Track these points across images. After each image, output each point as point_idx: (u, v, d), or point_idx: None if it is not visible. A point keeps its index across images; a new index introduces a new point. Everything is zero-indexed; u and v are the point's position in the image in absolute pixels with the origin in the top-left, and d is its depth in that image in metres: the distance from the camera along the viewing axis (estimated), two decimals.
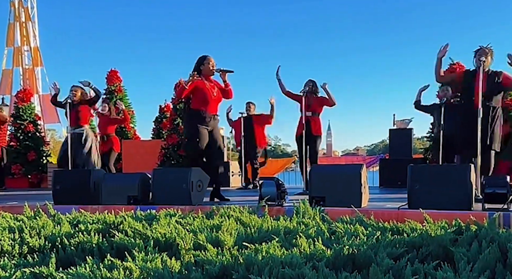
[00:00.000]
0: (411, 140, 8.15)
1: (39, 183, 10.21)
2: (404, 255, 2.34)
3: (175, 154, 9.53)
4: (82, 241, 2.82)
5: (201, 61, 5.26)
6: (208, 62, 5.23)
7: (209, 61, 5.24)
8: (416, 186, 4.03)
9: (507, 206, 3.69)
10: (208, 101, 5.17)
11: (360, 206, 4.11)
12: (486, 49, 4.90)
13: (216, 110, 5.35)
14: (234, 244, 2.66)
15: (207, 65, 5.23)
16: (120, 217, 3.37)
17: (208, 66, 5.22)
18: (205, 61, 5.24)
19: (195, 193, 4.76)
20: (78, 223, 3.41)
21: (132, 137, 11.10)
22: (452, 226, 2.82)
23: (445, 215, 3.32)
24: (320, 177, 4.44)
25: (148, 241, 2.68)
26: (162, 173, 5.14)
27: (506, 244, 2.34)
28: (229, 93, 5.37)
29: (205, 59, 5.25)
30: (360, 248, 2.37)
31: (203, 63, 5.24)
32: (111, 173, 7.06)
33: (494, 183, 3.88)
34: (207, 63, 5.23)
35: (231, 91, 5.38)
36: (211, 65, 5.23)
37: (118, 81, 11.27)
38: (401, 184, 6.41)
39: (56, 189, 5.18)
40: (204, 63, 5.24)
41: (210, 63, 5.23)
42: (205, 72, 5.24)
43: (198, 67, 5.24)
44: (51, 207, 4.03)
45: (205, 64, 5.23)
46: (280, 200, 4.37)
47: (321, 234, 2.77)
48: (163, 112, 11.21)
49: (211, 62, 5.24)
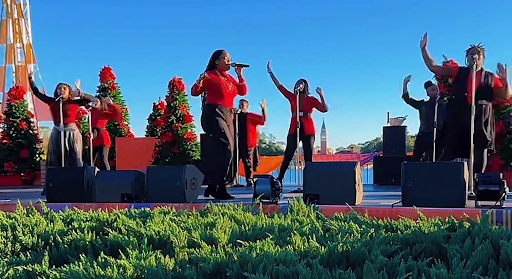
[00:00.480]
0: (404, 137, 8.18)
1: (32, 181, 10.15)
2: (398, 252, 2.35)
3: (169, 152, 9.50)
4: (76, 239, 2.81)
5: (216, 55, 5.20)
6: (224, 57, 5.18)
7: (224, 56, 5.18)
8: (409, 184, 4.05)
9: (500, 203, 3.71)
10: (223, 95, 5.11)
11: (354, 204, 4.12)
12: (478, 48, 4.93)
13: (231, 104, 5.30)
14: (228, 242, 2.66)
15: (222, 60, 5.18)
16: (114, 214, 3.35)
17: (223, 60, 5.17)
18: (220, 56, 5.19)
19: (189, 190, 4.75)
20: (71, 220, 3.39)
21: (126, 134, 11.05)
22: (446, 223, 2.83)
23: (438, 212, 3.33)
24: (314, 175, 4.44)
25: (142, 239, 2.68)
26: (156, 171, 5.12)
27: (499, 240, 2.36)
28: (243, 88, 5.32)
29: (220, 53, 5.20)
30: (354, 245, 2.38)
31: (218, 58, 5.19)
32: (104, 171, 7.03)
33: (487, 180, 3.90)
34: (222, 57, 5.18)
35: (246, 87, 5.34)
36: (226, 60, 5.18)
37: (112, 78, 11.20)
38: (395, 182, 6.45)
39: (49, 186, 5.15)
40: (220, 57, 5.18)
41: (225, 57, 5.18)
42: (220, 66, 5.19)
43: (213, 61, 5.19)
44: (44, 205, 4.01)
45: (220, 59, 5.18)
46: (275, 197, 4.37)
47: (315, 232, 2.78)
48: (157, 109, 11.17)
49: (226, 57, 5.19)
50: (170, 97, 9.79)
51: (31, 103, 12.65)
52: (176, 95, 9.74)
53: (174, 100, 9.71)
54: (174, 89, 9.77)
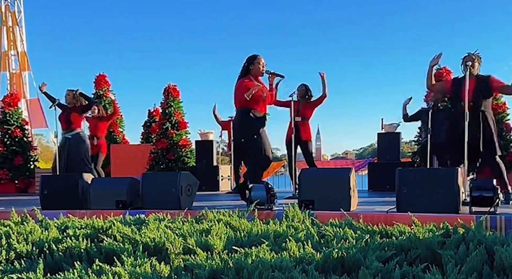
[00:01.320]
0: (399, 144, 8.21)
1: (27, 188, 10.09)
2: (393, 258, 2.36)
3: (164, 159, 9.48)
4: (70, 246, 2.80)
5: (252, 60, 5.15)
6: (259, 62, 5.14)
7: (259, 61, 5.14)
8: (404, 190, 4.07)
9: (494, 209, 3.73)
10: (259, 100, 5.09)
11: (349, 210, 4.13)
12: (473, 56, 4.97)
13: (265, 110, 5.24)
14: (223, 248, 2.66)
15: (257, 65, 5.14)
16: (109, 222, 3.34)
17: (258, 66, 5.14)
18: (255, 61, 5.16)
19: (184, 197, 4.74)
20: (66, 228, 3.38)
21: (120, 141, 11.02)
22: (440, 229, 2.85)
23: (433, 218, 3.35)
24: (310, 181, 4.45)
25: (137, 246, 2.67)
26: (151, 177, 5.11)
27: (493, 246, 2.38)
28: (272, 98, 5.30)
29: (255, 58, 5.17)
30: (349, 251, 2.39)
31: (253, 63, 5.14)
32: (99, 178, 7.00)
33: (481, 186, 3.93)
34: (257, 63, 5.15)
35: (274, 97, 5.35)
36: (261, 65, 5.16)
37: (107, 85, 11.19)
38: (389, 188, 6.46)
39: (44, 194, 5.12)
40: (255, 62, 5.14)
41: (260, 63, 5.14)
42: (254, 72, 5.14)
43: (248, 66, 5.15)
44: (38, 213, 3.99)
45: (255, 64, 5.14)
46: (270, 204, 4.37)
47: (310, 238, 2.78)
48: (152, 116, 11.16)
49: (261, 62, 5.16)
50: (165, 104, 9.79)
51: (26, 110, 12.59)
52: (171, 102, 9.74)
53: (169, 107, 9.71)
54: (169, 96, 9.78)
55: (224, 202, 5.84)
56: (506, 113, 7.67)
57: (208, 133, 9.18)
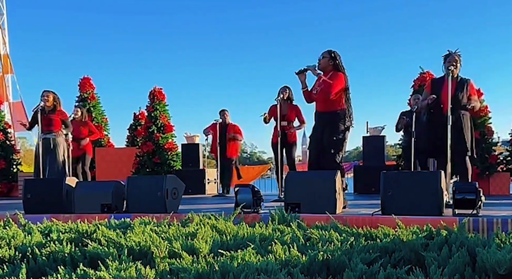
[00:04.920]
0: (384, 147, 8.30)
1: (9, 192, 9.94)
2: (377, 260, 2.38)
3: (150, 162, 9.43)
4: (54, 251, 2.77)
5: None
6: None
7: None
8: (389, 193, 4.11)
9: (476, 211, 3.79)
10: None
11: (335, 212, 4.16)
12: (456, 56, 4.93)
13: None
14: (209, 252, 2.65)
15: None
16: (94, 225, 3.31)
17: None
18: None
19: (170, 200, 4.73)
20: (49, 232, 3.34)
21: (105, 144, 10.93)
22: (423, 231, 2.89)
23: (416, 220, 3.39)
24: (296, 184, 4.47)
25: (122, 250, 2.65)
26: (137, 181, 5.08)
27: (475, 248, 2.42)
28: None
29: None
30: (334, 253, 2.41)
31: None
32: (84, 181, 6.93)
33: (463, 189, 3.99)
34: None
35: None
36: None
37: (91, 88, 11.10)
38: (375, 191, 6.52)
39: (27, 198, 5.05)
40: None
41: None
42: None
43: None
44: (21, 217, 3.93)
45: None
46: (256, 207, 4.38)
47: (296, 241, 2.79)
48: (138, 119, 11.10)
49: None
50: (150, 107, 9.76)
51: (9, 113, 12.42)
52: (156, 105, 9.71)
53: (155, 110, 9.67)
54: (154, 99, 9.74)
55: (210, 205, 5.83)
56: (488, 117, 7.81)
57: (194, 136, 9.17)
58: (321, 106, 4.81)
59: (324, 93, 4.68)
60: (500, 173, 7.63)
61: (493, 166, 7.57)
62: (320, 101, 4.80)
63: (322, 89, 4.70)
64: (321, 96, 4.73)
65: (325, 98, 4.69)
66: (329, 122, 4.74)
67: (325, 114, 4.77)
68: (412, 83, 8.33)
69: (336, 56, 4.76)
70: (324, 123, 4.78)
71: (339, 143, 4.70)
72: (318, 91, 4.76)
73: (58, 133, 6.61)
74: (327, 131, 4.74)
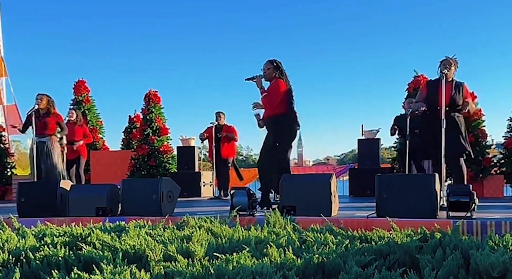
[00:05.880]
0: (378, 150, 8.32)
1: (3, 196, 9.88)
2: (372, 262, 2.39)
3: (145, 165, 9.41)
4: (48, 255, 2.75)
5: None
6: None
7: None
8: (384, 195, 4.12)
9: (470, 214, 3.81)
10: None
11: (330, 215, 4.17)
12: (451, 60, 5.01)
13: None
14: (204, 255, 2.65)
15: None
16: (88, 229, 3.30)
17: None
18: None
19: (165, 203, 4.71)
20: (43, 236, 3.32)
21: (100, 147, 10.90)
22: (418, 234, 2.90)
23: (411, 223, 3.40)
24: (291, 187, 4.48)
25: (116, 253, 2.64)
26: (132, 184, 5.07)
27: (469, 251, 2.43)
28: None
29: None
30: (329, 256, 2.41)
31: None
32: (78, 184, 6.90)
33: (457, 191, 4.01)
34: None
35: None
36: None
37: (86, 91, 11.07)
38: (370, 193, 6.55)
39: (21, 201, 5.03)
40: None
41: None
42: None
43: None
44: (15, 220, 3.91)
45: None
46: (252, 209, 4.38)
47: (291, 243, 2.80)
48: (133, 122, 11.08)
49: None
50: (146, 110, 9.75)
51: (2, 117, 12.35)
52: (152, 108, 9.70)
53: (150, 113, 9.66)
54: (150, 102, 9.73)
55: (206, 208, 5.83)
56: (482, 120, 7.86)
57: (189, 139, 9.16)
58: (266, 111, 5.16)
59: (265, 104, 5.07)
60: (494, 176, 7.68)
61: (487, 169, 7.62)
62: (265, 107, 5.13)
63: (263, 102, 5.08)
64: (264, 104, 5.09)
65: (267, 105, 5.08)
66: (272, 126, 5.07)
67: (269, 119, 5.12)
68: (406, 86, 8.38)
69: (279, 65, 5.09)
70: (269, 127, 5.14)
71: (282, 145, 4.97)
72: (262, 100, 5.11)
73: (52, 136, 6.58)
74: (270, 135, 5.08)
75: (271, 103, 4.99)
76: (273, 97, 4.97)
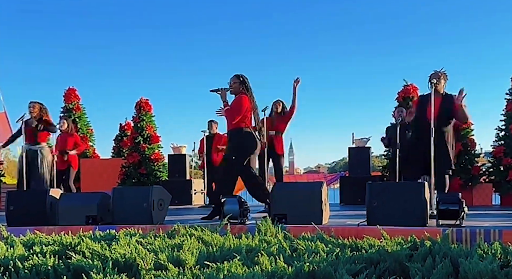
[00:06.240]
0: (369, 158, 8.38)
1: None
2: (363, 271, 2.40)
3: (136, 173, 9.37)
4: (37, 264, 2.72)
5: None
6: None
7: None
8: (374, 203, 4.15)
9: (460, 222, 3.85)
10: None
11: (321, 223, 4.18)
12: (439, 73, 5.12)
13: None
14: (195, 263, 2.64)
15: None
16: (78, 237, 3.28)
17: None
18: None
19: (156, 211, 4.69)
20: (32, 245, 3.28)
21: (91, 155, 10.84)
22: (408, 242, 2.91)
23: (401, 231, 3.42)
24: (282, 195, 4.49)
25: (106, 262, 2.62)
26: (122, 192, 5.04)
27: (458, 259, 2.45)
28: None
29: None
30: (320, 264, 2.42)
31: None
32: (68, 193, 6.84)
33: (447, 200, 4.05)
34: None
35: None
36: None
37: (76, 99, 11.03)
38: (360, 201, 6.57)
39: (10, 210, 4.97)
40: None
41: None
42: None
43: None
44: (4, 229, 3.87)
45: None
46: (243, 218, 4.38)
47: (282, 252, 2.80)
48: (124, 130, 11.05)
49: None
50: (137, 118, 9.72)
51: None
52: (143, 116, 9.68)
53: (141, 121, 9.64)
54: (141, 110, 9.72)
55: (196, 216, 5.80)
56: (471, 129, 7.95)
57: (180, 147, 9.15)
58: (227, 125, 5.25)
59: (227, 117, 5.19)
60: (482, 184, 7.76)
61: (475, 177, 7.69)
62: (226, 121, 5.23)
63: (225, 115, 5.19)
64: (226, 117, 5.20)
65: (228, 119, 5.19)
66: (230, 140, 5.25)
67: (229, 133, 5.28)
68: (396, 95, 8.46)
69: (245, 80, 5.19)
70: (228, 141, 5.33)
71: (239, 158, 5.05)
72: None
73: (43, 145, 6.53)
74: (229, 148, 5.29)
75: (231, 118, 5.09)
76: (235, 112, 5.07)
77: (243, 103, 5.09)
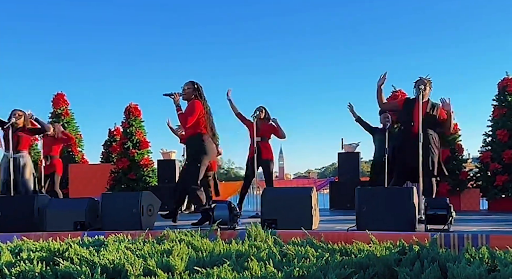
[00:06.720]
0: (358, 163, 8.42)
1: None
2: (352, 275, 2.42)
3: (125, 178, 9.30)
4: (24, 270, 2.70)
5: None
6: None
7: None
8: (363, 208, 4.17)
9: (448, 227, 3.88)
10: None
11: (311, 228, 4.19)
12: (425, 80, 5.20)
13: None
14: (185, 269, 2.63)
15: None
16: (66, 244, 3.25)
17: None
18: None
19: (145, 217, 4.67)
20: (20, 251, 3.25)
21: (79, 161, 10.75)
22: (397, 247, 2.94)
23: (390, 236, 3.45)
24: (272, 200, 4.49)
25: (95, 269, 2.61)
26: (111, 198, 5.01)
27: (446, 263, 2.48)
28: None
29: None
30: (310, 269, 2.42)
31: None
32: (56, 198, 6.77)
33: (435, 205, 4.08)
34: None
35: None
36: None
37: (65, 104, 10.95)
38: (350, 206, 6.59)
39: None
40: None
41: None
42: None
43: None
44: None
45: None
46: (233, 223, 4.37)
47: (272, 257, 2.80)
48: (113, 135, 10.97)
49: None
50: (126, 123, 9.67)
51: None
52: (132, 121, 9.63)
53: (130, 126, 9.59)
54: (130, 115, 9.67)
55: (186, 222, 5.77)
56: (458, 134, 8.04)
57: (170, 152, 9.10)
58: (185, 131, 5.46)
59: (181, 122, 5.38)
60: (470, 189, 7.83)
61: (463, 183, 7.76)
62: (182, 126, 5.45)
63: (179, 120, 5.33)
64: (180, 121, 5.37)
65: (182, 124, 5.39)
66: (188, 146, 5.45)
67: (186, 138, 5.45)
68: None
69: (199, 87, 5.32)
70: (188, 147, 5.51)
71: (195, 163, 5.19)
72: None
73: (25, 152, 6.45)
74: (188, 153, 5.43)
75: (185, 121, 5.20)
76: (188, 115, 5.16)
77: (196, 107, 5.18)
